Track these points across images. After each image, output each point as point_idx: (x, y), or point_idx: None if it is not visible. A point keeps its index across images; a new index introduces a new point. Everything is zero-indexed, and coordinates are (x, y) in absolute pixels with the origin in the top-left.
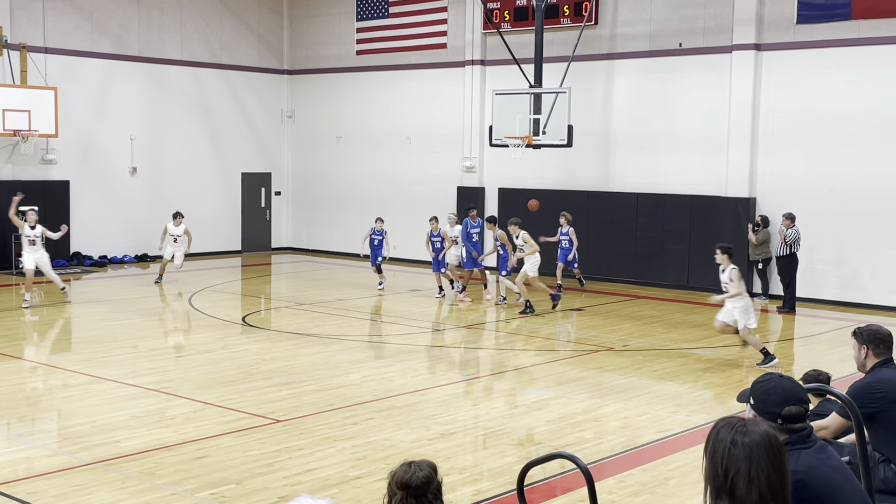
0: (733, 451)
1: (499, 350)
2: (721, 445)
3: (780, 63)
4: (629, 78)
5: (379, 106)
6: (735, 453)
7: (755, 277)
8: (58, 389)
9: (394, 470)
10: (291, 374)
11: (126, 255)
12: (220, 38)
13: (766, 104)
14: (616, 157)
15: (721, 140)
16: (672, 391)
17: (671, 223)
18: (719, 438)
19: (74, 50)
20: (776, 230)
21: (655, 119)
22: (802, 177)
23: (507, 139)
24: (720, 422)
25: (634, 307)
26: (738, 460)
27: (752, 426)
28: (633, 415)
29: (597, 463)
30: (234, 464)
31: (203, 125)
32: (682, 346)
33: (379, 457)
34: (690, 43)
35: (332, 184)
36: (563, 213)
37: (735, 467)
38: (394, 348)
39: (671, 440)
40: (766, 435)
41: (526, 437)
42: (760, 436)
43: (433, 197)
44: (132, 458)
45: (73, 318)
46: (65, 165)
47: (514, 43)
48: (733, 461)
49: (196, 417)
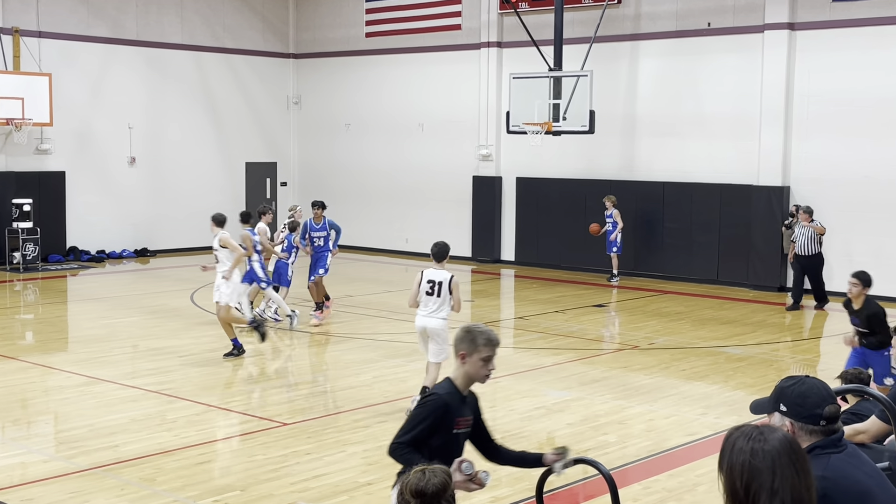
0: (753, 462)
1: (517, 348)
2: (739, 458)
3: (816, 43)
4: (655, 60)
5: (390, 91)
6: (755, 465)
7: (788, 270)
8: (54, 391)
9: (407, 476)
10: (298, 375)
11: (125, 250)
12: (222, 21)
13: (800, 86)
14: (641, 144)
15: (753, 125)
16: (701, 392)
17: (700, 214)
18: (736, 450)
19: (69, 34)
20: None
21: (683, 103)
22: (839, 163)
23: (525, 125)
24: (734, 432)
25: (661, 303)
26: (759, 473)
27: (769, 432)
28: (660, 417)
29: (621, 468)
30: (238, 469)
31: (205, 113)
32: (712, 344)
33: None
34: (720, 22)
35: (340, 174)
36: (608, 195)
37: (757, 481)
38: (406, 347)
39: (700, 444)
40: (786, 440)
41: (546, 440)
42: (780, 441)
43: (447, 187)
44: (132, 464)
45: (69, 316)
46: (60, 156)
47: (532, 23)
48: (755, 474)
49: (198, 420)
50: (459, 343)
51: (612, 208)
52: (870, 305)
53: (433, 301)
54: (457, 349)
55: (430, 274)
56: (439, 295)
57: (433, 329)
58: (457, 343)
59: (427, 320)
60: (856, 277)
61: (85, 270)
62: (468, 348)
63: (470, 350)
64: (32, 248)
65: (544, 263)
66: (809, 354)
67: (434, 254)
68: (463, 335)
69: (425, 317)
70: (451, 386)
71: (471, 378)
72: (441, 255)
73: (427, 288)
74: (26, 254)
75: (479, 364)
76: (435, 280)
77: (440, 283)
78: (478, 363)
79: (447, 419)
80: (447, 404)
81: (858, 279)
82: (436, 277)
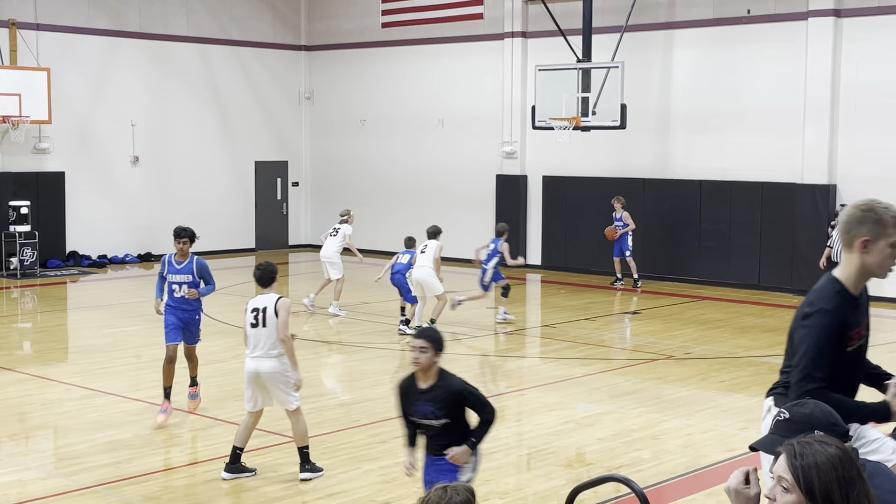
0: (840, 472)
1: (544, 358)
2: (830, 475)
3: (864, 31)
4: (690, 50)
5: (408, 85)
6: (842, 475)
7: None
8: (53, 404)
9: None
10: (311, 387)
11: (128, 255)
12: (229, 12)
13: (847, 78)
14: (676, 140)
15: (796, 119)
16: (741, 405)
17: (739, 214)
18: (822, 468)
19: (69, 26)
20: None
21: (721, 96)
22: (889, 160)
23: (552, 121)
24: (796, 446)
25: (698, 309)
26: (853, 481)
27: (825, 438)
28: (697, 432)
29: (655, 487)
30: (248, 487)
31: (212, 109)
32: (753, 353)
33: (409, 480)
34: (760, 9)
35: (355, 173)
36: (617, 197)
37: (855, 489)
38: None
39: (739, 460)
40: (839, 444)
41: (575, 456)
42: (839, 446)
43: (469, 186)
44: (135, 481)
45: (69, 325)
46: (59, 155)
47: (559, 12)
48: (852, 484)
49: (206, 435)
50: (857, 226)
51: (621, 210)
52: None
53: (261, 334)
54: (853, 234)
55: (254, 302)
56: (265, 325)
57: (268, 373)
58: (852, 226)
59: (259, 363)
60: None
61: (85, 276)
62: (873, 231)
63: (876, 234)
64: (30, 253)
65: (573, 268)
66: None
67: (257, 278)
68: (861, 215)
69: (255, 358)
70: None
71: (869, 273)
72: (265, 279)
73: (251, 319)
74: (24, 259)
75: (888, 252)
76: (259, 307)
77: (264, 308)
78: (885, 250)
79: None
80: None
81: None
82: (259, 304)
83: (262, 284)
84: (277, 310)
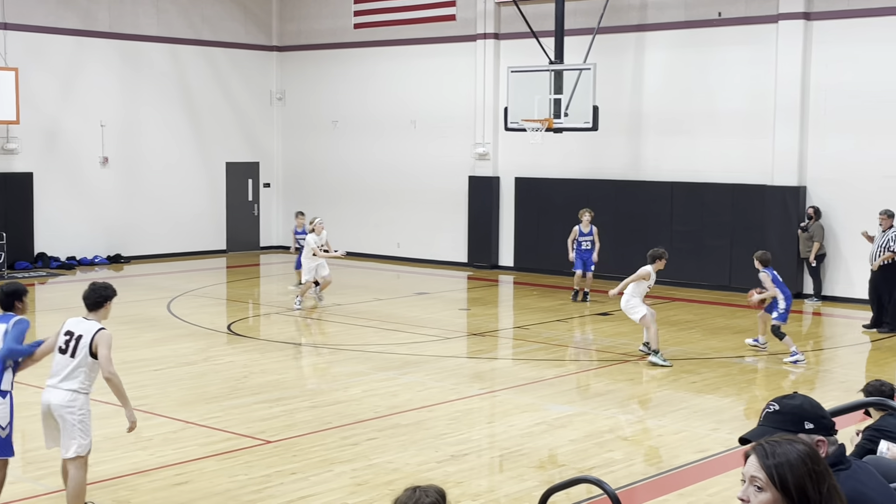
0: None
1: (516, 360)
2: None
3: (833, 34)
4: (662, 52)
5: (380, 86)
6: (813, 469)
7: (805, 276)
8: (20, 407)
9: (398, 496)
10: (283, 389)
11: (97, 256)
12: (200, 12)
13: (816, 80)
14: (647, 142)
15: (766, 122)
16: (712, 405)
17: (710, 216)
18: (794, 463)
19: (37, 26)
20: (829, 222)
21: (692, 98)
22: (858, 162)
23: (524, 122)
24: (766, 446)
25: (669, 311)
26: (822, 475)
27: (790, 437)
28: (669, 433)
29: (627, 488)
30: (218, 490)
31: (182, 109)
32: (724, 354)
33: (382, 482)
34: (731, 12)
35: (327, 174)
36: (588, 209)
37: (825, 482)
38: (398, 359)
39: (711, 461)
40: (805, 441)
41: (547, 458)
42: (805, 443)
43: (442, 188)
44: (104, 485)
45: (36, 327)
46: (27, 156)
47: (531, 13)
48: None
49: (176, 438)
50: None
51: (589, 224)
52: None
53: (64, 363)
54: None
55: (71, 324)
56: (73, 355)
57: (57, 406)
58: None
59: (51, 394)
60: None
61: (54, 278)
62: None
63: None
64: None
65: (545, 269)
66: (829, 365)
67: (84, 297)
68: None
69: (50, 387)
70: None
71: None
72: (92, 302)
73: (62, 342)
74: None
75: None
76: (73, 332)
77: (79, 336)
78: None
79: None
80: None
81: None
82: (76, 329)
83: (89, 307)
84: (96, 344)
